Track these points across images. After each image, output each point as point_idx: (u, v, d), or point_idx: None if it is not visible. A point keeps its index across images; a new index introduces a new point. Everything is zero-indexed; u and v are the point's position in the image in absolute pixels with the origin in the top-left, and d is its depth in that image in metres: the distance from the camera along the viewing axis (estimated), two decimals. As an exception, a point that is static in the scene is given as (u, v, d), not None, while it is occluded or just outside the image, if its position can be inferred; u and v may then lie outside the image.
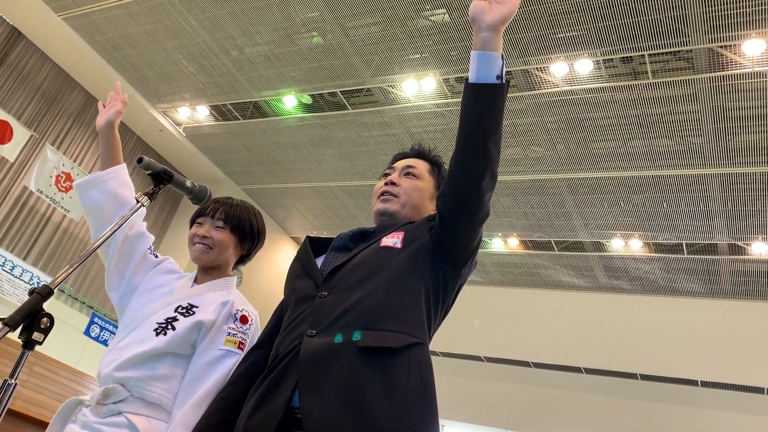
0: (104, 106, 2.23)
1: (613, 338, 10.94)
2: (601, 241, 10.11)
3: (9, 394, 1.30)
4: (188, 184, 1.94)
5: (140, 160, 1.79)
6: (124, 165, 2.19)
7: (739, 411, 10.39)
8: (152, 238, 2.17)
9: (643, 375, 11.04)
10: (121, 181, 2.13)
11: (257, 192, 11.64)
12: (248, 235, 2.10)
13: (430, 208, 1.84)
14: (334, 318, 1.47)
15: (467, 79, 1.51)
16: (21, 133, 8.83)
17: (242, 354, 1.85)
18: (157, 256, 2.15)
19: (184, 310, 1.90)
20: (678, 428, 10.65)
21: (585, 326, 11.18)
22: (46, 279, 9.07)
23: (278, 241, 12.62)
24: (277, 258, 12.45)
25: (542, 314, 11.58)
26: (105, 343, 9.10)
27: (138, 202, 1.80)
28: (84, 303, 9.96)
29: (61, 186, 9.17)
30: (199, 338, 1.86)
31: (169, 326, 1.86)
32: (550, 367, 11.74)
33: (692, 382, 10.71)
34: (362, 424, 1.30)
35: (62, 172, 9.20)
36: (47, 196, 9.03)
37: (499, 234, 10.67)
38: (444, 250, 1.58)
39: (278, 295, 1.83)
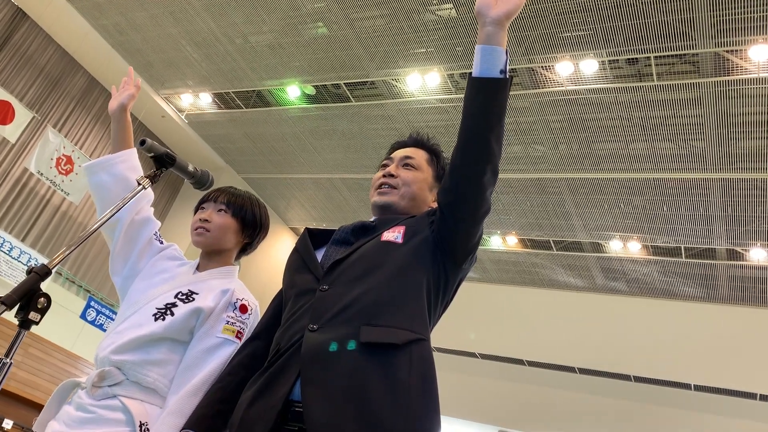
0: (117, 91, 2.24)
1: (608, 339, 10.96)
2: (599, 242, 10.12)
3: (4, 372, 1.30)
4: (190, 168, 1.93)
5: (143, 142, 1.78)
6: (135, 149, 2.18)
7: (732, 416, 10.43)
8: (158, 224, 2.16)
9: (636, 377, 11.07)
10: (131, 165, 2.12)
11: (258, 181, 11.63)
12: (250, 222, 2.09)
13: (430, 199, 1.83)
14: (335, 313, 1.46)
15: (471, 72, 1.51)
16: (23, 115, 8.80)
17: (239, 343, 1.83)
18: (162, 242, 2.14)
19: (184, 297, 1.89)
20: (669, 431, 10.69)
21: (580, 326, 11.20)
22: (44, 261, 9.04)
23: (277, 231, 12.62)
24: (276, 249, 12.45)
25: (538, 313, 11.60)
26: (101, 327, 9.11)
27: (139, 184, 1.79)
28: (81, 287, 9.96)
29: (62, 169, 9.16)
30: (197, 325, 1.85)
31: (168, 312, 1.85)
32: (544, 366, 11.77)
33: (685, 386, 10.75)
34: (364, 420, 1.29)
35: (63, 155, 9.18)
36: (47, 179, 9.02)
37: (498, 232, 10.68)
38: (445, 245, 1.57)
39: (276, 286, 1.82)
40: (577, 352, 11.23)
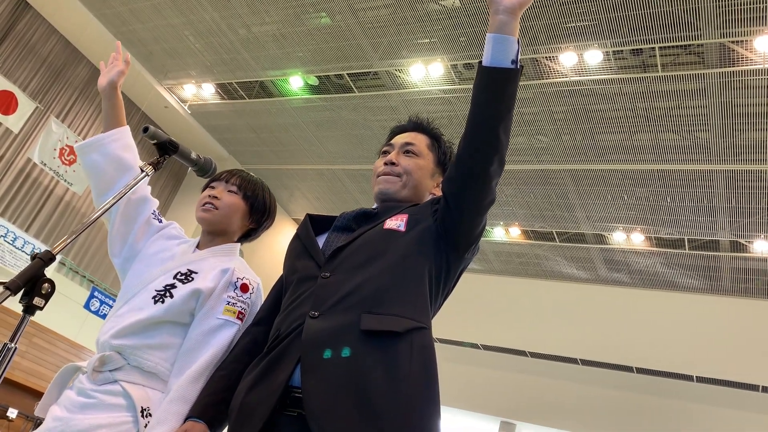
0: (106, 67, 2.17)
1: (611, 331, 10.96)
2: (602, 233, 10.10)
3: (9, 357, 1.30)
4: (193, 155, 1.89)
5: (146, 129, 1.75)
6: (127, 127, 2.12)
7: (733, 407, 10.44)
8: (156, 202, 2.11)
9: (638, 368, 11.07)
10: (124, 143, 2.06)
11: (260, 172, 11.59)
12: (259, 206, 2.07)
13: (431, 186, 1.82)
14: (336, 300, 1.46)
15: (480, 61, 1.48)
16: (26, 105, 8.80)
17: (241, 324, 1.82)
18: (161, 221, 2.09)
19: (183, 277, 1.87)
20: (671, 422, 10.71)
21: (583, 318, 11.20)
22: (47, 251, 9.06)
23: (280, 222, 12.63)
24: (279, 240, 12.46)
25: (541, 304, 11.60)
26: (105, 317, 9.14)
27: (143, 171, 1.77)
28: (85, 277, 9.99)
29: (65, 159, 9.17)
30: (197, 306, 1.82)
31: (168, 294, 1.83)
32: (546, 357, 11.78)
33: (687, 377, 10.75)
34: (363, 408, 1.29)
35: (66, 146, 9.19)
36: (51, 169, 9.03)
37: (501, 223, 10.67)
38: (448, 234, 1.57)
39: (278, 277, 1.82)
40: (580, 343, 11.24)
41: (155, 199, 2.12)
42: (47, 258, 1.37)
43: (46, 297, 1.37)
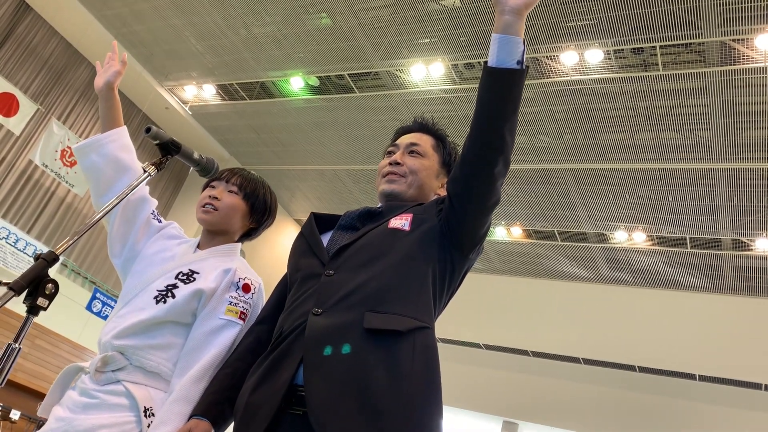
0: (102, 67, 2.15)
1: (613, 330, 10.95)
2: (604, 232, 10.09)
3: (13, 358, 1.29)
4: (195, 155, 1.88)
5: (148, 130, 1.74)
6: (125, 127, 2.11)
7: (736, 406, 10.42)
8: (155, 202, 2.11)
9: (641, 367, 11.07)
10: (122, 144, 2.05)
11: (261, 173, 11.50)
12: (260, 206, 2.06)
13: (436, 186, 1.82)
14: (339, 298, 1.46)
15: (486, 61, 1.48)
16: (27, 107, 8.81)
17: (243, 324, 1.82)
18: (160, 221, 2.09)
19: (184, 277, 1.87)
20: (674, 421, 10.70)
21: (585, 317, 11.19)
22: (49, 253, 9.06)
23: (281, 223, 12.63)
24: (280, 240, 12.47)
25: (543, 304, 11.59)
26: (107, 318, 9.14)
27: (145, 171, 1.76)
28: (86, 278, 10.00)
29: (66, 161, 9.17)
30: (199, 307, 1.82)
31: (169, 294, 1.82)
32: (548, 356, 11.77)
33: (690, 376, 10.74)
34: (365, 407, 1.29)
35: (67, 147, 9.19)
36: (52, 171, 9.03)
37: (503, 222, 10.66)
38: (452, 235, 1.56)
39: (280, 277, 1.81)
40: (582, 342, 11.23)
41: (154, 199, 2.11)
42: (51, 258, 1.36)
43: (50, 297, 1.36)
